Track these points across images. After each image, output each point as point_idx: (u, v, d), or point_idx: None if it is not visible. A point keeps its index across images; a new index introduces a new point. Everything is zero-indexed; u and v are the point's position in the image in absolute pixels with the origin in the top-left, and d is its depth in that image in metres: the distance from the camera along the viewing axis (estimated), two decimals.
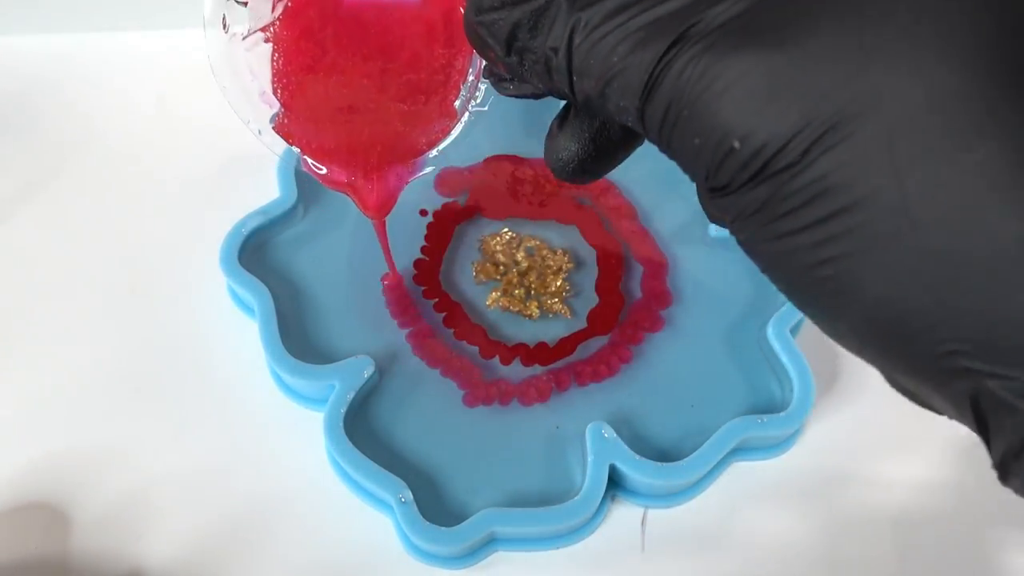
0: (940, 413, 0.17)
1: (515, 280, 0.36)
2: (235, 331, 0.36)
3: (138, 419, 0.34)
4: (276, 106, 0.29)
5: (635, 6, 0.17)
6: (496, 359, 0.35)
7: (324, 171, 0.30)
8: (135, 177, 0.40)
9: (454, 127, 0.29)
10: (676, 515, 0.33)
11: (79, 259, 0.38)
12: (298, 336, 0.35)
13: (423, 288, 0.36)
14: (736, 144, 0.15)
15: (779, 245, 0.16)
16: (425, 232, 0.37)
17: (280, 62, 0.28)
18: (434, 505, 0.32)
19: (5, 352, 0.36)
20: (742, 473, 0.34)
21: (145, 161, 0.41)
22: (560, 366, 0.34)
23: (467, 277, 0.37)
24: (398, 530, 0.32)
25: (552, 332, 0.35)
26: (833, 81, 0.15)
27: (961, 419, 0.16)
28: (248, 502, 0.33)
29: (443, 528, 0.30)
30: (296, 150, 0.29)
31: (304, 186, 0.37)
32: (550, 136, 0.22)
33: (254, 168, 0.39)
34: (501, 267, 0.36)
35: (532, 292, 0.36)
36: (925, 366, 0.15)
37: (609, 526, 0.32)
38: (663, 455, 0.32)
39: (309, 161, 0.29)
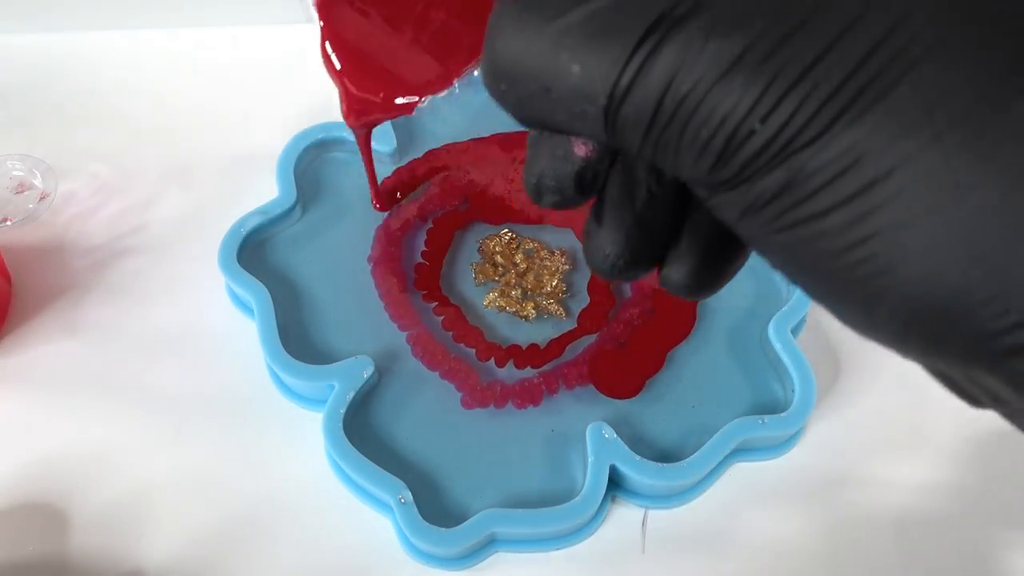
0: (979, 404, 0.16)
1: (513, 281, 0.36)
2: (234, 331, 0.36)
3: (138, 419, 0.34)
4: None
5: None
6: (492, 361, 0.34)
7: (336, 64, 0.30)
8: (134, 177, 0.40)
9: (448, 88, 0.29)
10: (677, 516, 0.33)
11: (79, 259, 0.38)
12: (297, 336, 0.34)
13: (423, 292, 0.36)
14: (757, 126, 0.14)
15: (801, 232, 0.14)
16: (425, 238, 0.37)
17: None
18: (434, 506, 0.31)
19: (5, 352, 0.36)
20: (743, 474, 0.33)
21: (144, 161, 0.40)
22: (550, 368, 0.34)
23: (467, 279, 0.37)
24: (398, 531, 0.32)
25: (547, 333, 0.35)
26: (862, 48, 0.13)
27: (1019, 400, 0.14)
28: (247, 502, 0.33)
29: (443, 529, 0.30)
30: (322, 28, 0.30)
31: (303, 186, 0.37)
32: (588, 236, 0.19)
33: (253, 168, 0.39)
34: (500, 268, 0.36)
35: (528, 293, 0.36)
36: (980, 345, 0.14)
37: (609, 527, 0.32)
38: (664, 456, 0.32)
39: (327, 47, 0.30)
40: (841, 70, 0.13)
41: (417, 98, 0.29)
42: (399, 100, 0.30)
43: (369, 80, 0.30)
